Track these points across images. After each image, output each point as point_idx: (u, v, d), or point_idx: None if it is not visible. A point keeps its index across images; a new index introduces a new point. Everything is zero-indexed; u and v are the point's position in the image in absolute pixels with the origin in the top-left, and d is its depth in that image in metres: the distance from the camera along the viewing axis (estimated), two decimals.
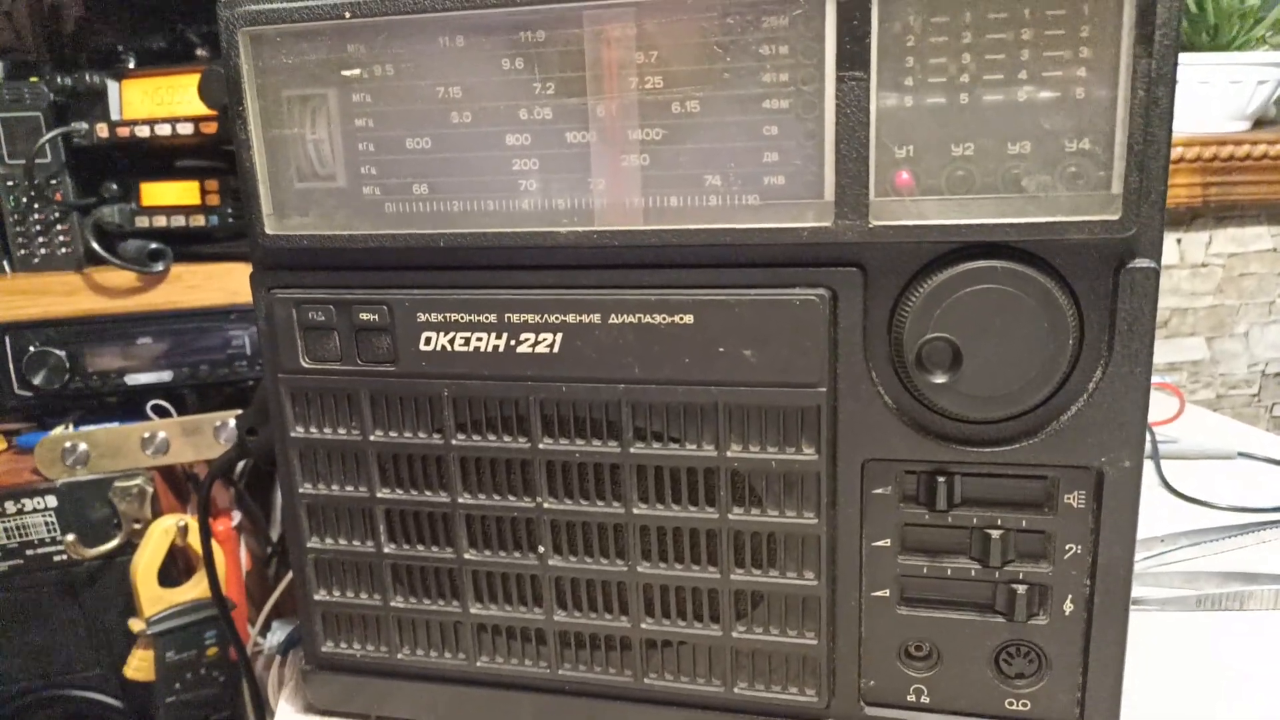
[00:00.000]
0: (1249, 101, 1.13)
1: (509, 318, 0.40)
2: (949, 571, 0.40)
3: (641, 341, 0.39)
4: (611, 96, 0.37)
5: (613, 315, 0.39)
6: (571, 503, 0.42)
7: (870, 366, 0.38)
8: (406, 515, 0.45)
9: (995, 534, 0.39)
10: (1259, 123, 1.20)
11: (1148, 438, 0.78)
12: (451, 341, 0.41)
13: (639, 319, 0.39)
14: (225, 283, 0.81)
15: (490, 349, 0.41)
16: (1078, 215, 0.34)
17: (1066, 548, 0.39)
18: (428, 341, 0.41)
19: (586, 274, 0.40)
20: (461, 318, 0.41)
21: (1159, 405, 0.87)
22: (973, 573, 0.40)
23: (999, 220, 0.35)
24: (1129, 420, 0.36)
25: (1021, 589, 0.39)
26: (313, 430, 0.44)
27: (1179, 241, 1.23)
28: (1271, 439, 0.83)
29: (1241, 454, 0.79)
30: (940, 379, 0.37)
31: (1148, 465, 0.75)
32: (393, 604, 0.46)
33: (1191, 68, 1.10)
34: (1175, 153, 1.13)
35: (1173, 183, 1.14)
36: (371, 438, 0.43)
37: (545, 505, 0.42)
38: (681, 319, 0.39)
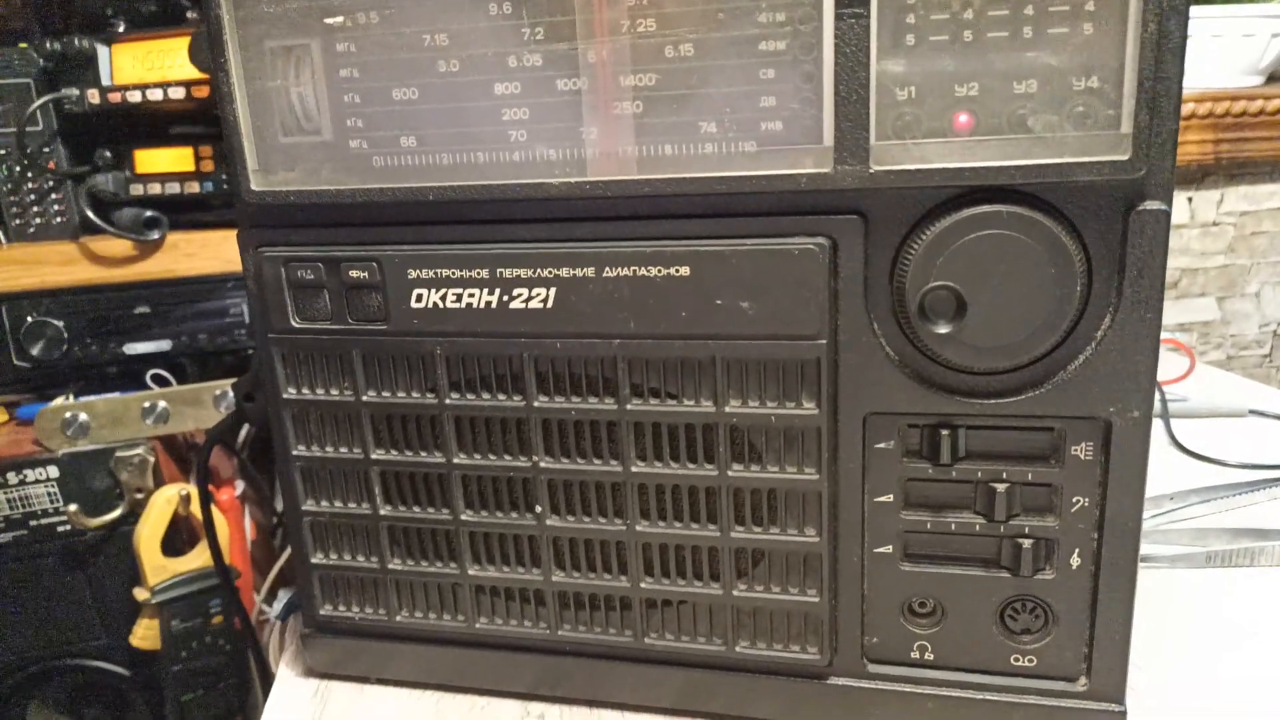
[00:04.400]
0: (1262, 55, 1.11)
1: (501, 273, 0.39)
2: (953, 526, 0.39)
3: (637, 295, 0.38)
4: (602, 41, 0.36)
5: (607, 269, 0.38)
6: (568, 461, 0.42)
7: (872, 317, 0.37)
8: (402, 476, 0.44)
9: (1000, 488, 0.38)
10: (1272, 77, 1.17)
11: (1158, 396, 0.77)
12: (443, 298, 0.40)
13: (634, 272, 0.38)
14: (222, 250, 0.81)
15: (483, 305, 0.40)
16: (1086, 156, 0.33)
17: (1073, 501, 0.38)
18: (419, 298, 0.41)
19: (579, 226, 0.39)
20: (453, 274, 0.40)
21: (1169, 364, 0.86)
22: (977, 527, 0.39)
23: (1004, 163, 0.33)
24: (1138, 369, 0.35)
25: (1027, 543, 0.38)
26: (305, 391, 0.44)
27: (1190, 200, 1.21)
28: None
29: (1252, 411, 0.78)
30: (944, 329, 0.36)
31: (1157, 424, 0.74)
32: (390, 566, 0.45)
33: (1204, 20, 1.07)
34: (1186, 109, 1.10)
35: (1184, 139, 1.12)
36: (364, 398, 0.43)
37: (542, 464, 0.42)
38: (677, 271, 0.38)
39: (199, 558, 0.81)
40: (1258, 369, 1.31)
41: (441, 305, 0.40)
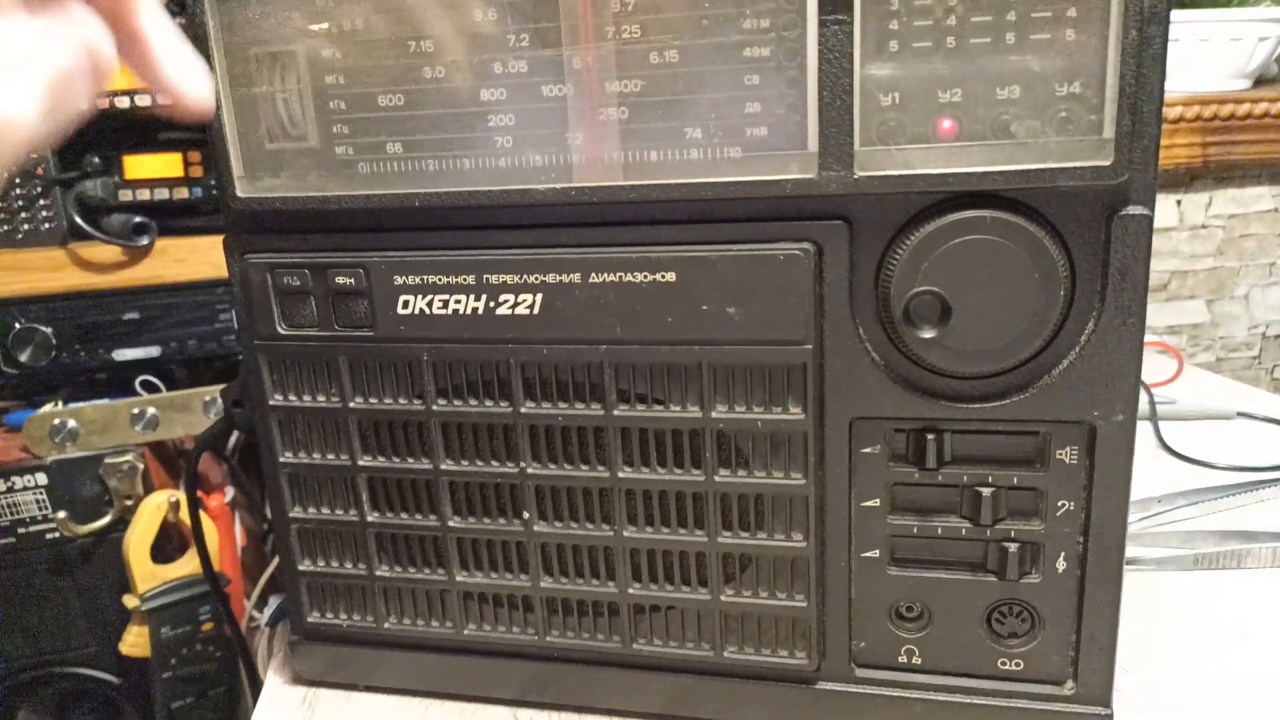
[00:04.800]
0: (1249, 59, 1.11)
1: (487, 279, 0.39)
2: (939, 531, 0.39)
3: (623, 301, 0.38)
4: (588, 47, 0.36)
5: (593, 274, 0.38)
6: (555, 467, 0.42)
7: (857, 322, 0.37)
8: (389, 483, 0.44)
9: (986, 492, 0.38)
10: (1259, 81, 1.18)
11: (1145, 398, 0.77)
12: (430, 304, 0.40)
13: (620, 278, 0.38)
14: (211, 256, 0.81)
15: (469, 311, 0.40)
16: (1068, 161, 0.33)
17: (1059, 504, 0.38)
18: (405, 305, 0.40)
19: (566, 232, 0.39)
20: (439, 280, 0.40)
21: (1158, 366, 0.86)
22: (963, 531, 0.39)
23: (988, 168, 0.34)
24: (1122, 373, 0.36)
25: (1013, 547, 0.38)
26: (292, 398, 0.43)
27: (1179, 203, 1.22)
28: (1271, 398, 0.83)
29: (1241, 414, 0.78)
30: (929, 334, 0.36)
31: (1146, 426, 0.74)
32: (378, 573, 0.45)
33: (1191, 24, 1.08)
34: (1174, 112, 1.11)
35: (1172, 143, 1.12)
36: (351, 404, 0.43)
37: (529, 470, 0.42)
38: (663, 277, 0.38)
39: (189, 565, 0.80)
40: (1246, 371, 1.31)
41: (428, 311, 0.40)
